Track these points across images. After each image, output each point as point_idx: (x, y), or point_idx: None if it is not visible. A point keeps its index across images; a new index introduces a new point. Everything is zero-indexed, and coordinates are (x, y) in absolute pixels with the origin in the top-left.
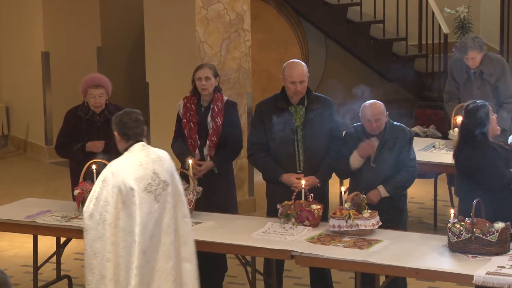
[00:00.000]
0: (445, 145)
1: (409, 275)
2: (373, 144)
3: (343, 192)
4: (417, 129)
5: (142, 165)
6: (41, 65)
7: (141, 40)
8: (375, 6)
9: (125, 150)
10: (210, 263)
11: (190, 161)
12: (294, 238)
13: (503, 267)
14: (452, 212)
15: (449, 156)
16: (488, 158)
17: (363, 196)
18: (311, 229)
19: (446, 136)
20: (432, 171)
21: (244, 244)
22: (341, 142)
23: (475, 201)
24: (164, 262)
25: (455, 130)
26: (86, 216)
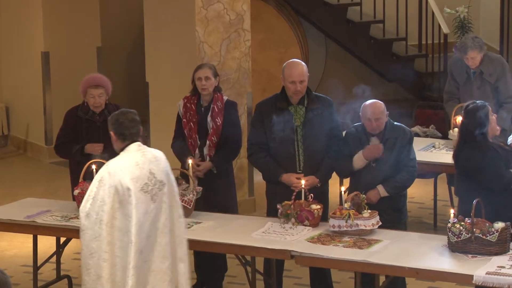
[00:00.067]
0: (445, 145)
1: (409, 275)
2: (380, 147)
3: (343, 192)
4: (417, 129)
5: (139, 165)
6: (41, 65)
7: (141, 40)
8: (375, 6)
9: (121, 150)
10: (210, 263)
11: (190, 161)
12: (294, 238)
13: (503, 267)
14: (452, 212)
15: (449, 156)
16: (488, 158)
17: (363, 196)
18: (311, 229)
19: (446, 136)
20: (432, 171)
21: (244, 244)
22: (342, 142)
23: (475, 201)
24: (160, 262)
25: (455, 130)
26: (83, 216)
